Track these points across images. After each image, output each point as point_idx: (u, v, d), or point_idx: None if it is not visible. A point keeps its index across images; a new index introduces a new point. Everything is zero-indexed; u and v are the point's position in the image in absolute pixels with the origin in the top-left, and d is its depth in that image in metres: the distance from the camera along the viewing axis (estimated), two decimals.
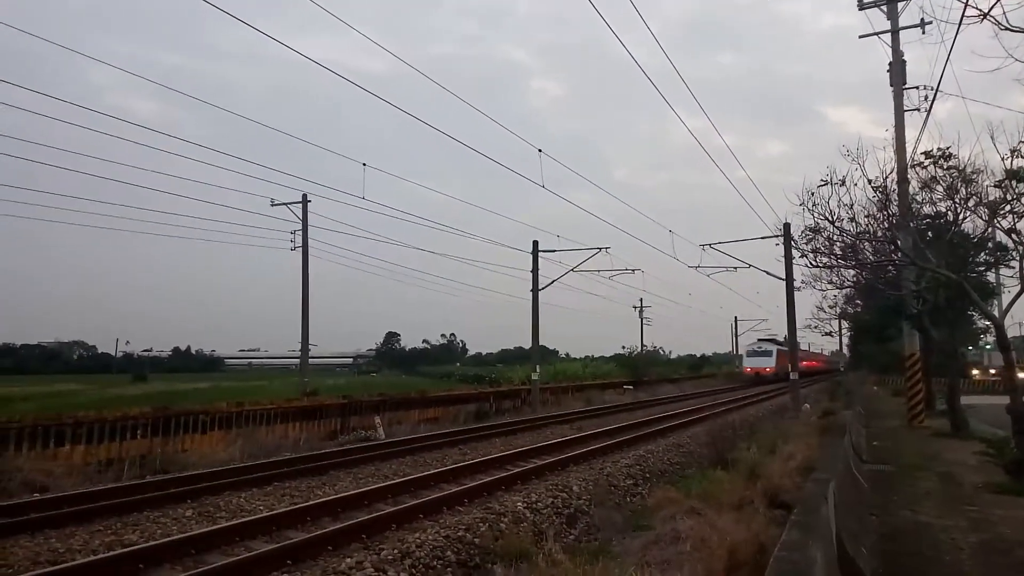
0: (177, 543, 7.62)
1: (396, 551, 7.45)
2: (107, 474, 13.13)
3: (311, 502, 9.88)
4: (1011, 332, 13.84)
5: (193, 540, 7.76)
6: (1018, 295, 12.38)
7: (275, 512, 9.24)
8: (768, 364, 56.23)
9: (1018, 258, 12.54)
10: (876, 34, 21.12)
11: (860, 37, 21.50)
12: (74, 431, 13.91)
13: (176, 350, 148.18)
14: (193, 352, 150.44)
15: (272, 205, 31.37)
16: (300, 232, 31.53)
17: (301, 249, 31.43)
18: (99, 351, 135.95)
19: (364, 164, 23.23)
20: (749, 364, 58.64)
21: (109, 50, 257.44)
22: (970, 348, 49.54)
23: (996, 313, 15.54)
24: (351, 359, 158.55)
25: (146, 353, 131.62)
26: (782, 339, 52.85)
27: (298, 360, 34.99)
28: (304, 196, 31.43)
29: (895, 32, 20.82)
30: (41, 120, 17.07)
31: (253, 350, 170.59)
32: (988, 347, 48.17)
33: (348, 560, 7.14)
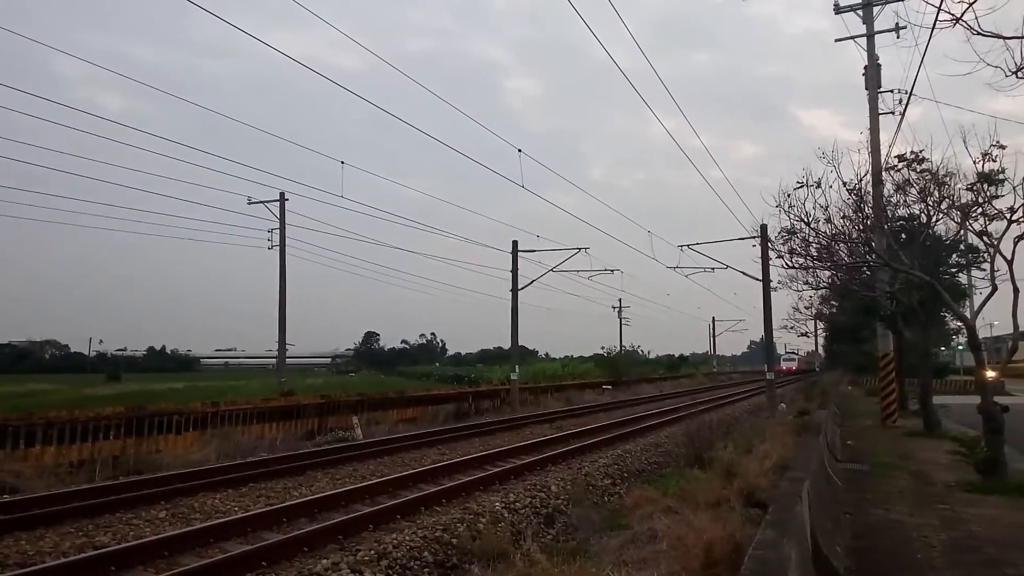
0: (150, 545, 7.50)
1: (373, 552, 7.41)
2: (79, 475, 12.93)
3: (287, 503, 9.79)
4: (982, 333, 14.05)
5: (167, 542, 7.65)
6: (989, 296, 12.56)
7: (250, 513, 9.14)
8: (792, 365, 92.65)
9: (989, 260, 12.72)
10: (852, 38, 21.38)
11: (836, 40, 21.76)
12: (45, 431, 13.68)
13: (151, 350, 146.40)
14: (168, 352, 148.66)
15: (249, 203, 31.15)
16: (277, 231, 31.35)
17: (278, 248, 31.25)
18: (72, 350, 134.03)
19: (343, 162, 23.16)
20: (782, 364, 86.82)
21: (79, 43, 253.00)
22: (942, 348, 50.33)
23: (967, 314, 15.80)
24: (329, 359, 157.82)
25: (120, 352, 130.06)
26: (795, 352, 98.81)
27: (275, 360, 34.75)
28: (282, 194, 31.25)
29: (871, 36, 21.09)
30: (6, 112, 16.78)
31: (229, 350, 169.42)
32: (960, 348, 48.96)
33: (324, 561, 7.08)
